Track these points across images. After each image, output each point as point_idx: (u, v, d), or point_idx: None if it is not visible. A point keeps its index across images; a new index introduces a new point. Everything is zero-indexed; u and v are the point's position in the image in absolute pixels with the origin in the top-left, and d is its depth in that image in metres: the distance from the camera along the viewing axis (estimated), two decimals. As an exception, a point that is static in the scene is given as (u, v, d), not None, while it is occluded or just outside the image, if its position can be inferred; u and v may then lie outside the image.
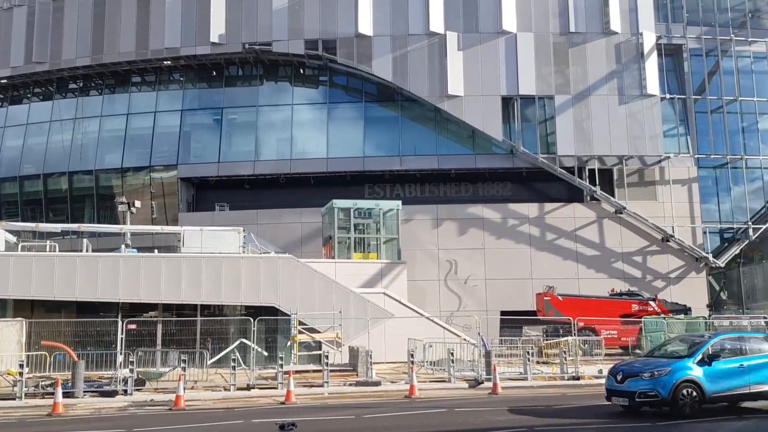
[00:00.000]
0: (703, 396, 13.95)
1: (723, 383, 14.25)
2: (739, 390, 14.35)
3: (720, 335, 16.16)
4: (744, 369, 14.49)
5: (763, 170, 37.74)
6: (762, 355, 14.97)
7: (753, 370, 14.54)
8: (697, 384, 13.97)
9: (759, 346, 15.32)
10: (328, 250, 31.97)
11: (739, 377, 14.38)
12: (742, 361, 14.61)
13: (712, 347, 14.71)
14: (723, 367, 14.39)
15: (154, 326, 24.27)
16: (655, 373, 14.18)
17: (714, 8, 37.99)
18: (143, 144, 37.25)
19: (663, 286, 34.52)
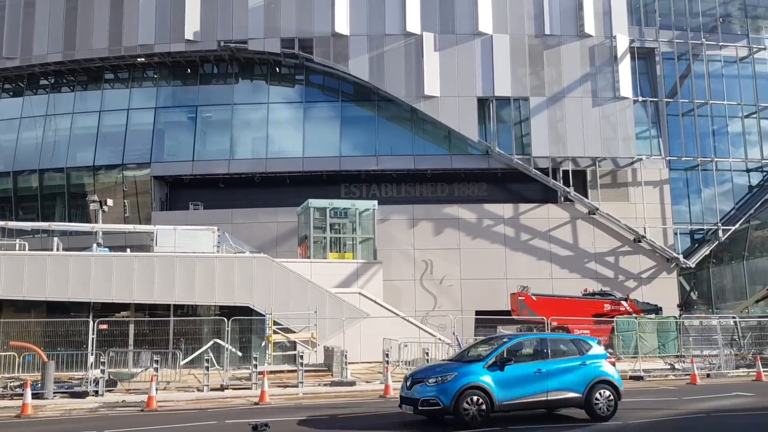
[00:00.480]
0: (492, 404, 12.81)
1: (516, 390, 13.13)
2: (534, 397, 13.26)
3: (521, 337, 15.27)
4: (542, 374, 13.39)
5: (733, 172, 38.47)
6: (565, 359, 13.89)
7: (553, 376, 13.45)
8: (485, 391, 12.83)
9: (564, 349, 14.31)
10: (304, 249, 31.88)
11: (536, 383, 13.29)
12: (540, 365, 13.52)
13: (508, 350, 13.64)
14: (518, 372, 13.26)
15: (126, 326, 24.02)
16: (439, 378, 13.06)
17: (686, 13, 38.65)
18: (116, 142, 36.75)
19: (635, 286, 35.01)
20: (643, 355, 24.44)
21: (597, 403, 13.53)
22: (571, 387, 13.56)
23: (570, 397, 13.57)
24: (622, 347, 25.66)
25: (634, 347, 25.00)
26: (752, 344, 25.68)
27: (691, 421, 13.74)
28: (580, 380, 13.63)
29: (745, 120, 38.64)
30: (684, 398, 17.15)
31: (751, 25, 39.97)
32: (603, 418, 13.44)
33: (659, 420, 13.89)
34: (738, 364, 23.89)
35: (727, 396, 17.42)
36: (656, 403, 16.53)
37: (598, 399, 13.56)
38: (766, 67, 39.44)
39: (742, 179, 38.87)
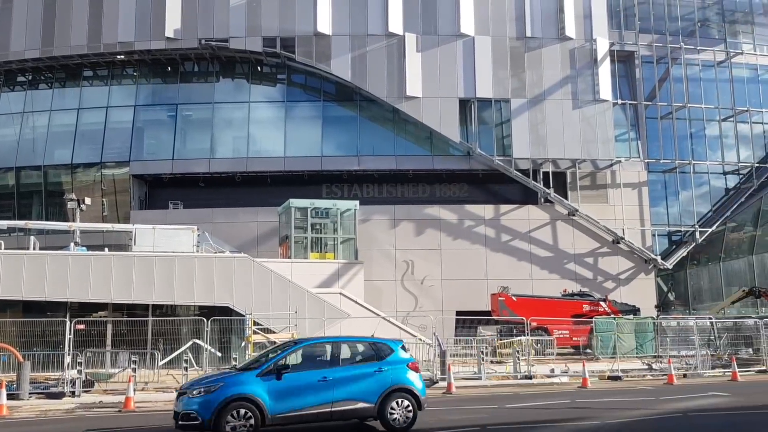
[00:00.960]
0: (263, 417, 11.50)
1: (295, 401, 11.83)
2: (316, 409, 11.90)
3: (309, 341, 13.69)
4: (327, 383, 12.08)
5: (710, 175, 38.99)
6: (359, 366, 12.71)
7: (341, 384, 12.16)
8: (254, 402, 11.50)
9: (360, 354, 13.14)
10: (285, 249, 31.76)
11: (320, 393, 11.99)
12: (327, 373, 12.20)
13: (290, 356, 12.41)
14: (298, 381, 11.98)
15: (104, 326, 23.71)
16: (203, 389, 11.71)
17: (665, 17, 39.11)
18: (94, 140, 36.32)
19: (613, 286, 35.35)
20: (621, 356, 24.68)
21: (392, 414, 12.32)
22: (361, 396, 12.27)
23: (360, 408, 12.27)
24: (600, 347, 25.89)
25: (612, 347, 25.23)
26: (728, 345, 26.03)
27: (668, 421, 13.89)
28: (373, 389, 12.38)
29: (723, 123, 39.20)
30: (661, 398, 17.34)
31: (728, 29, 40.57)
32: (398, 430, 12.28)
33: (637, 420, 14.02)
34: (714, 364, 24.21)
35: (703, 396, 17.64)
36: (634, 403, 16.70)
37: (394, 409, 12.34)
38: (743, 71, 40.04)
39: (719, 182, 39.42)
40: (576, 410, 15.42)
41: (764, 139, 40.20)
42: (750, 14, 41.06)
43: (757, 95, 39.77)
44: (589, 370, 21.39)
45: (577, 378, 21.29)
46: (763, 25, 41.31)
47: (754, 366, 24.23)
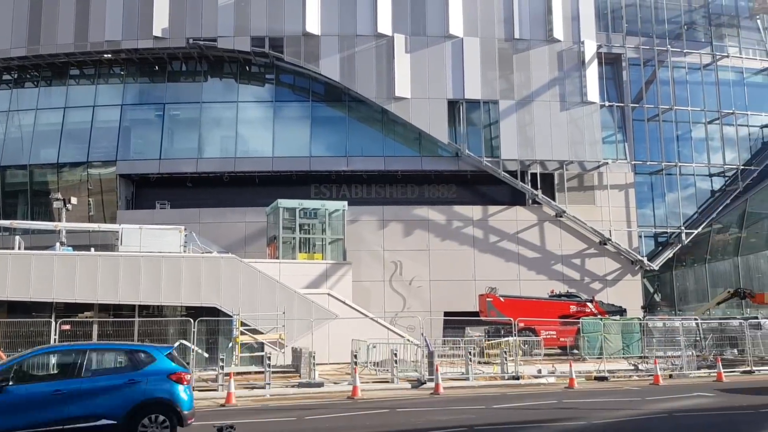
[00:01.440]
0: None
1: (18, 418, 10.37)
2: (44, 427, 10.42)
3: (47, 349, 12.37)
4: (62, 396, 10.62)
5: (696, 177, 39.31)
6: (107, 376, 11.23)
7: (78, 398, 10.69)
8: None
9: (110, 363, 11.66)
10: (273, 250, 31.67)
11: (51, 408, 10.51)
12: (62, 385, 10.73)
13: (20, 366, 11.07)
14: (24, 395, 10.54)
15: (90, 327, 23.55)
16: None
17: (652, 19, 39.40)
18: (81, 139, 36.04)
19: (600, 287, 35.55)
20: (607, 356, 24.80)
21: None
22: (104, 412, 10.78)
23: (101, 425, 10.74)
24: (587, 348, 26.03)
25: (599, 348, 25.35)
26: (713, 346, 26.24)
27: (653, 421, 13.98)
28: (119, 403, 10.90)
29: (708, 126, 39.53)
30: (647, 398, 17.45)
31: (714, 33, 40.94)
32: None
33: (623, 420, 14.10)
34: (699, 365, 24.37)
35: (688, 396, 17.77)
36: (620, 403, 16.80)
37: (146, 427, 10.91)
38: (728, 74, 40.40)
39: (705, 184, 39.75)
40: (563, 411, 15.49)
41: (749, 142, 40.59)
42: (736, 17, 41.44)
43: (742, 98, 40.13)
44: (576, 371, 21.48)
45: (564, 378, 21.37)
46: (749, 29, 41.72)
47: (739, 367, 24.42)
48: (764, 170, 39.31)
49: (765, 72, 41.42)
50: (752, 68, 41.13)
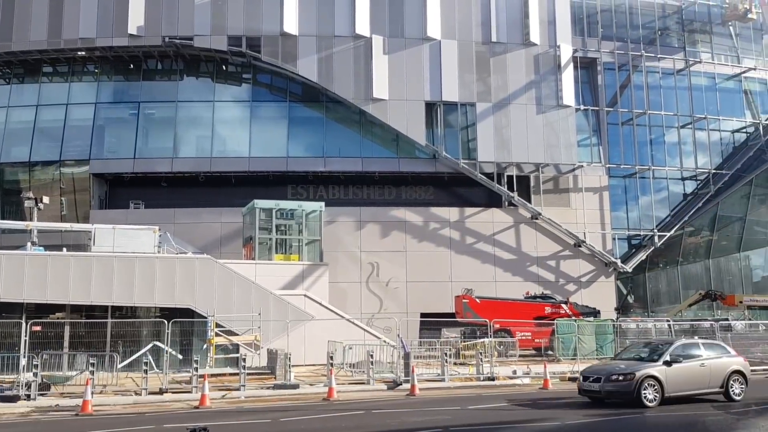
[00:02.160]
0: None
1: None
2: None
3: None
4: None
5: (669, 181, 39.91)
6: None
7: None
8: None
9: None
10: (249, 251, 31.45)
11: None
12: None
13: None
14: None
15: (61, 328, 23.18)
16: None
17: (627, 25, 39.95)
18: (53, 137, 35.50)
19: (574, 289, 35.90)
20: (581, 357, 25.02)
21: None
22: None
23: None
24: (562, 349, 26.22)
25: (573, 349, 25.59)
26: (685, 346, 26.55)
27: (627, 421, 14.17)
28: None
29: (681, 130, 40.17)
30: (620, 399, 17.63)
31: (687, 38, 41.61)
32: None
33: (596, 420, 14.26)
34: (671, 365, 24.63)
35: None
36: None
37: None
38: (701, 79, 41.10)
39: (678, 187, 40.39)
40: (537, 411, 15.60)
41: (721, 146, 41.34)
42: (708, 24, 42.17)
43: (714, 103, 40.84)
44: (551, 372, 21.66)
45: (539, 379, 21.54)
46: (721, 35, 42.47)
47: (709, 367, 24.73)
48: (735, 174, 40.07)
49: (737, 78, 42.20)
50: (724, 74, 41.88)
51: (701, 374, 16.41)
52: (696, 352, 16.87)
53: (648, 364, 16.11)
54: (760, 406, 15.88)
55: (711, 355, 16.89)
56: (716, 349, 17.51)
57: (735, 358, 17.28)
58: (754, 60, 42.49)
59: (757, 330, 29.36)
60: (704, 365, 16.50)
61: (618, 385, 15.71)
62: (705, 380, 16.44)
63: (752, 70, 42.21)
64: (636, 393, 15.40)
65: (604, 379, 15.98)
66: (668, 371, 15.85)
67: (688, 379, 16.21)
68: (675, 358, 16.16)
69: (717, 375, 16.55)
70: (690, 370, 16.34)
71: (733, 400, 16.33)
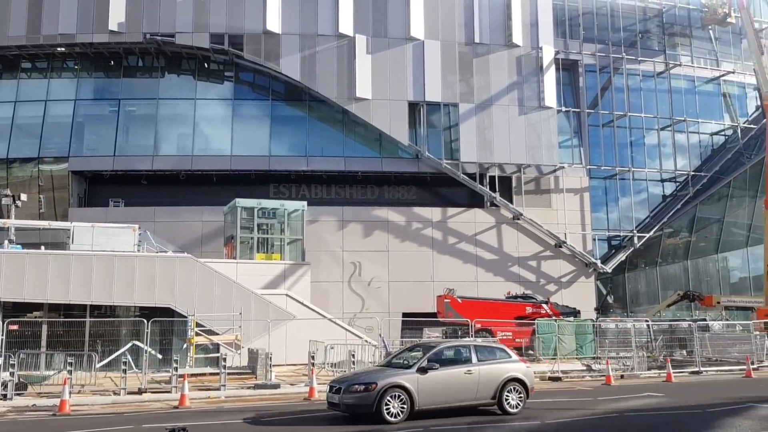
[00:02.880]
0: None
1: None
2: None
3: None
4: None
5: (649, 182, 40.34)
6: None
7: None
8: None
9: None
10: (230, 250, 31.28)
11: None
12: None
13: None
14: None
15: (39, 327, 22.90)
16: None
17: (608, 27, 40.31)
18: (32, 134, 35.03)
19: (555, 289, 36.15)
20: (561, 357, 25.19)
21: None
22: None
23: None
24: (542, 349, 26.36)
25: (553, 349, 25.74)
26: (663, 347, 26.88)
27: (605, 421, 14.25)
28: None
29: (661, 132, 40.61)
30: (599, 398, 17.77)
31: (668, 42, 42.08)
32: None
33: (575, 420, 14.34)
34: (650, 365, 24.94)
35: (639, 396, 18.16)
36: (573, 403, 17.08)
37: None
38: (681, 82, 41.59)
39: (657, 189, 40.82)
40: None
41: (700, 149, 41.85)
42: (688, 27, 42.67)
43: (693, 106, 41.35)
44: (531, 371, 21.72)
45: (519, 379, 21.56)
46: (701, 38, 42.99)
47: (687, 367, 25.06)
48: (713, 177, 40.60)
49: (715, 81, 42.75)
50: (703, 77, 42.41)
51: (466, 383, 14.19)
52: (465, 356, 14.78)
53: (398, 372, 13.99)
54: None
55: (485, 360, 14.78)
56: (493, 353, 15.31)
57: (514, 364, 15.09)
58: (733, 63, 43.07)
59: (734, 330, 29.74)
60: (471, 372, 14.29)
61: (357, 397, 13.41)
62: (471, 390, 14.24)
63: (731, 74, 42.79)
64: (376, 406, 13.12)
65: (344, 389, 13.74)
66: (422, 380, 13.62)
67: (449, 389, 13.99)
68: (431, 365, 13.94)
69: (488, 383, 14.37)
70: (451, 378, 14.13)
71: (508, 412, 14.26)
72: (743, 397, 17.33)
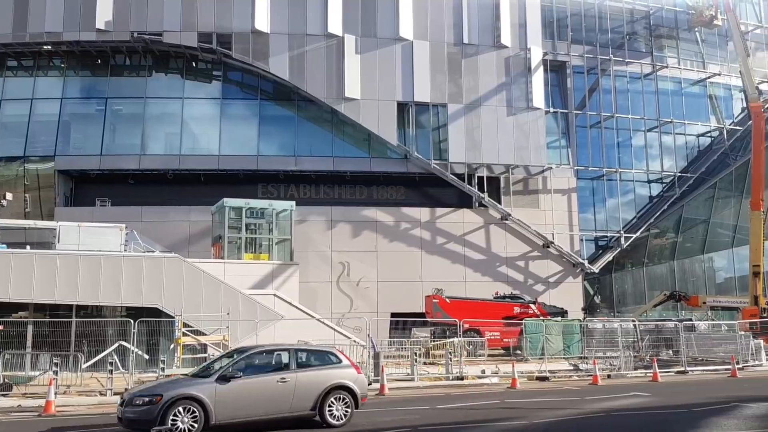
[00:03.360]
0: None
1: None
2: None
3: None
4: None
5: (636, 183, 40.61)
6: None
7: None
8: None
9: None
10: (218, 250, 31.14)
11: None
12: None
13: None
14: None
15: (24, 327, 22.66)
16: None
17: (596, 29, 40.54)
18: (17, 132, 34.73)
19: (543, 289, 36.30)
20: (549, 357, 25.28)
21: None
22: None
23: None
24: (529, 348, 26.46)
25: (541, 349, 25.82)
26: (650, 347, 27.04)
27: (592, 420, 14.32)
28: None
29: (648, 134, 40.90)
30: (586, 398, 17.85)
31: (655, 43, 42.38)
32: None
33: (562, 419, 14.39)
34: (636, 365, 25.09)
35: (625, 396, 18.26)
36: (560, 402, 17.14)
37: None
38: (667, 83, 41.92)
39: (644, 190, 41.10)
40: (505, 410, 15.72)
41: (686, 150, 42.18)
42: (675, 29, 43.01)
43: (680, 107, 41.68)
44: (519, 371, 21.84)
45: (507, 378, 21.70)
46: (687, 40, 43.35)
47: (673, 367, 25.25)
48: (700, 178, 40.93)
49: (702, 83, 43.11)
50: (690, 79, 42.76)
51: (279, 392, 12.60)
52: (282, 362, 13.23)
53: (193, 382, 12.43)
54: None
55: (307, 366, 13.30)
56: (320, 358, 13.75)
57: (343, 371, 13.47)
58: (719, 65, 43.44)
59: (720, 330, 29.98)
60: (286, 380, 12.72)
61: (140, 411, 11.76)
62: (285, 400, 12.63)
63: (717, 76, 43.17)
64: (160, 421, 11.47)
65: (126, 402, 12.14)
66: (221, 390, 12.05)
67: (257, 400, 12.36)
68: (234, 373, 12.37)
69: (307, 392, 12.81)
70: (260, 387, 12.51)
71: (330, 424, 12.83)
72: (729, 396, 17.46)
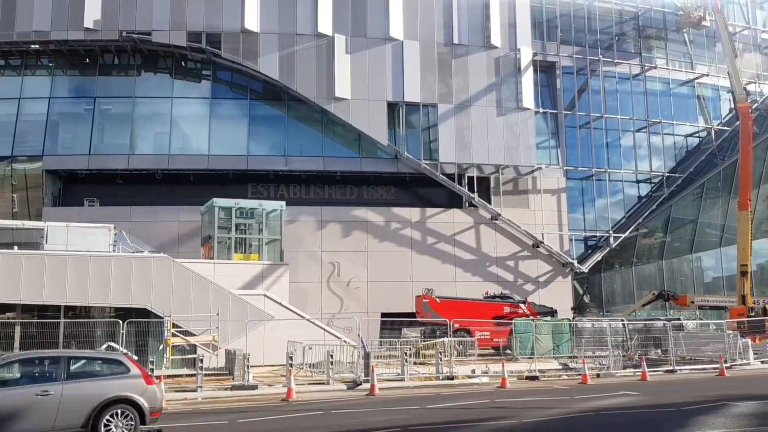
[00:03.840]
0: None
1: None
2: None
3: None
4: None
5: (624, 183, 40.81)
6: None
7: None
8: None
9: None
10: (207, 250, 31.01)
11: None
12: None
13: None
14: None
15: (12, 328, 22.52)
16: None
17: (585, 29, 40.71)
18: (5, 132, 34.42)
19: (533, 289, 36.42)
20: (538, 356, 25.37)
21: None
22: None
23: None
24: (519, 348, 26.57)
25: (530, 348, 25.91)
26: (639, 346, 27.21)
27: (581, 419, 14.37)
28: None
29: (636, 134, 41.11)
30: (575, 397, 17.92)
31: (643, 44, 42.61)
32: None
33: (552, 419, 14.44)
34: (625, 364, 25.21)
35: (614, 395, 18.35)
36: (550, 402, 17.21)
37: None
38: (656, 84, 42.16)
39: (633, 190, 41.31)
40: (495, 410, 15.76)
41: (675, 150, 42.45)
42: (663, 30, 43.26)
43: (668, 108, 41.93)
44: (509, 371, 21.89)
45: (497, 378, 21.75)
46: (676, 41, 43.62)
47: (662, 366, 25.39)
48: (688, 178, 41.19)
49: (690, 83, 43.39)
50: (678, 79, 43.03)
51: (38, 407, 10.87)
52: (47, 372, 11.48)
53: None
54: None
55: (80, 376, 11.63)
56: (102, 366, 12.15)
57: (126, 381, 11.77)
58: (707, 66, 43.73)
59: (708, 329, 30.21)
60: (48, 393, 10.99)
61: None
62: (47, 416, 10.91)
63: (705, 77, 43.45)
64: None
65: None
66: None
67: (8, 416, 10.68)
68: None
69: (76, 407, 11.11)
70: (13, 401, 10.80)
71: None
72: (717, 395, 17.58)
